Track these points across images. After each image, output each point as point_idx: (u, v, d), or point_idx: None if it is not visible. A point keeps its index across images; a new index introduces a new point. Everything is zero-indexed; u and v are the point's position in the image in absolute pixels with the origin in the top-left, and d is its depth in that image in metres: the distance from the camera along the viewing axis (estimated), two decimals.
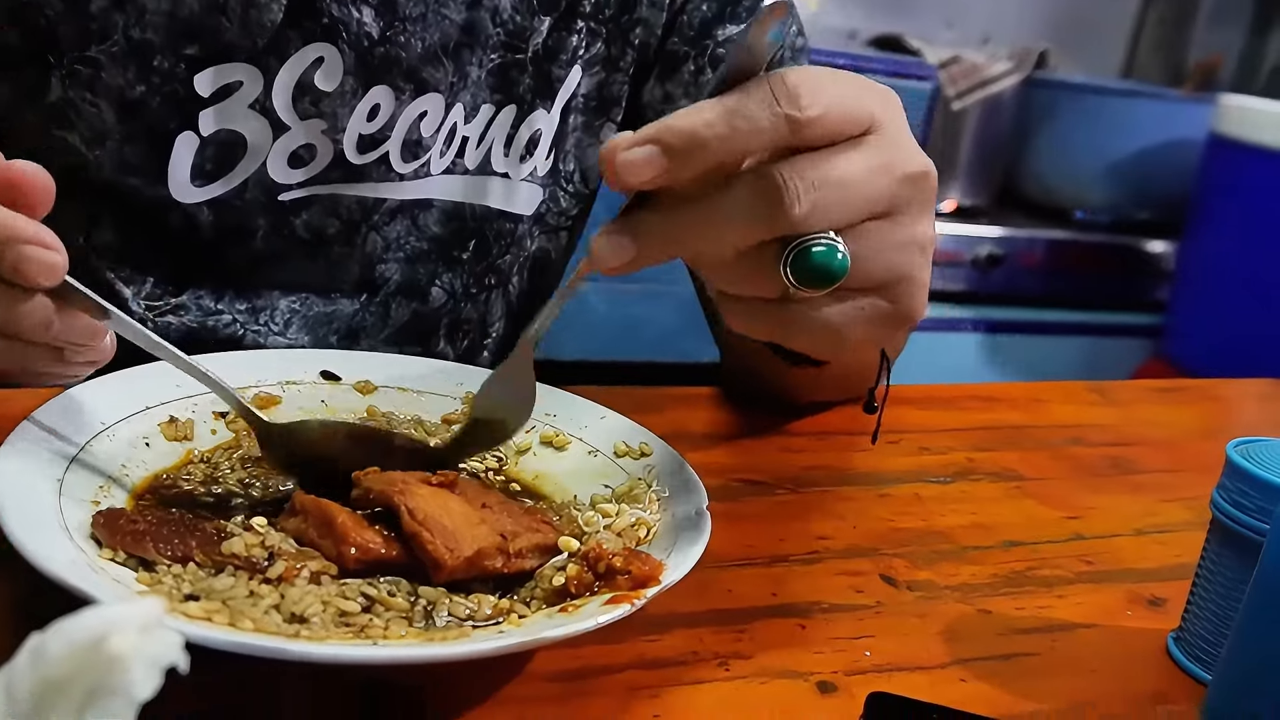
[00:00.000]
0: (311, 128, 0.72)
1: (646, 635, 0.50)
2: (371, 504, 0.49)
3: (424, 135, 0.76)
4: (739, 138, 0.45)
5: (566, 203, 0.86)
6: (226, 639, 0.37)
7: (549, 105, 0.80)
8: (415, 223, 0.79)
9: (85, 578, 0.39)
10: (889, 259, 0.50)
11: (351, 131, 0.73)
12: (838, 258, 0.47)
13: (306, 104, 0.71)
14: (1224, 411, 1.04)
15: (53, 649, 0.28)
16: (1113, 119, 2.51)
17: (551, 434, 0.61)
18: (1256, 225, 2.28)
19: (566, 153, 0.84)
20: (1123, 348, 2.59)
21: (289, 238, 0.74)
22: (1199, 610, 0.53)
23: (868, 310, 0.51)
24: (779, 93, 0.45)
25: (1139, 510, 0.72)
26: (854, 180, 0.47)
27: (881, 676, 0.50)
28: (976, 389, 0.94)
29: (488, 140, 0.79)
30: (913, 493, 0.70)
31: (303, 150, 0.72)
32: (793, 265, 0.47)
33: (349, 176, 0.75)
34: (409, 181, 0.77)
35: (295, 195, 0.73)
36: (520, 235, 0.84)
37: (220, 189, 0.71)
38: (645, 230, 0.47)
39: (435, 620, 0.45)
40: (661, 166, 0.45)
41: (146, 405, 0.55)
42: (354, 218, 0.76)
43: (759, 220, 0.46)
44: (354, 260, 0.77)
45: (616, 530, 0.51)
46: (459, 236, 0.81)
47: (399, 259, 0.79)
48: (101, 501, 0.48)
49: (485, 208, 0.81)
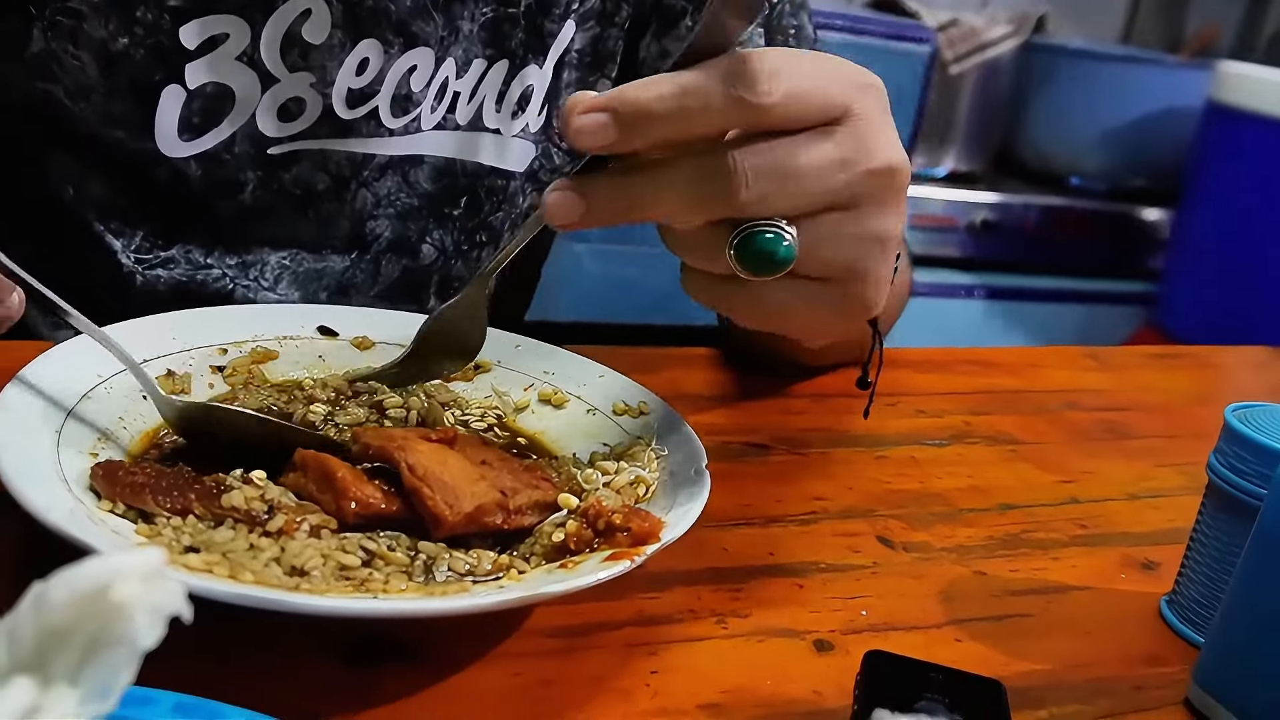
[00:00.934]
0: (300, 80, 0.71)
1: (645, 593, 0.50)
2: (370, 460, 0.49)
3: (414, 90, 0.75)
4: (689, 116, 0.44)
5: (560, 159, 0.85)
6: (227, 590, 0.37)
7: (541, 61, 0.79)
8: (406, 179, 0.78)
9: (85, 528, 0.39)
10: (844, 251, 0.48)
11: (340, 85, 0.72)
12: (783, 245, 0.46)
13: (295, 56, 0.70)
14: (1219, 378, 1.04)
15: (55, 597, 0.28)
16: (1110, 85, 2.50)
17: (550, 392, 0.61)
18: (1253, 193, 2.28)
19: (560, 109, 0.83)
20: (1116, 315, 2.60)
21: (278, 193, 0.74)
22: (1193, 573, 0.54)
23: (819, 297, 0.50)
24: (737, 75, 0.44)
25: (1133, 475, 0.72)
26: (810, 171, 0.46)
27: (877, 636, 0.50)
28: (973, 353, 0.94)
29: (479, 96, 0.78)
30: (909, 455, 0.70)
31: (291, 103, 0.72)
32: (737, 249, 0.46)
33: (338, 131, 0.74)
34: (399, 137, 0.76)
35: (284, 149, 0.73)
36: (512, 192, 0.84)
37: (209, 143, 0.71)
38: (595, 192, 0.47)
39: (435, 575, 0.45)
40: (611, 136, 0.45)
41: (144, 358, 0.55)
42: (343, 173, 0.75)
43: (704, 200, 0.46)
44: (344, 216, 0.76)
45: (616, 488, 0.51)
46: (450, 193, 0.80)
47: (390, 215, 0.78)
48: (100, 453, 0.48)
49: (477, 164, 0.80)
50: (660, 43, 0.83)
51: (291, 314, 0.63)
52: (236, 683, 0.40)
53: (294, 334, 0.61)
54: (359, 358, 0.61)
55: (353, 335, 0.63)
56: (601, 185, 0.47)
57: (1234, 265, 2.33)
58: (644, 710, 0.42)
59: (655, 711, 0.43)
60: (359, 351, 0.62)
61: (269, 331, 0.61)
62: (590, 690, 0.43)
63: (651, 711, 0.42)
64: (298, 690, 0.40)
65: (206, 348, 0.58)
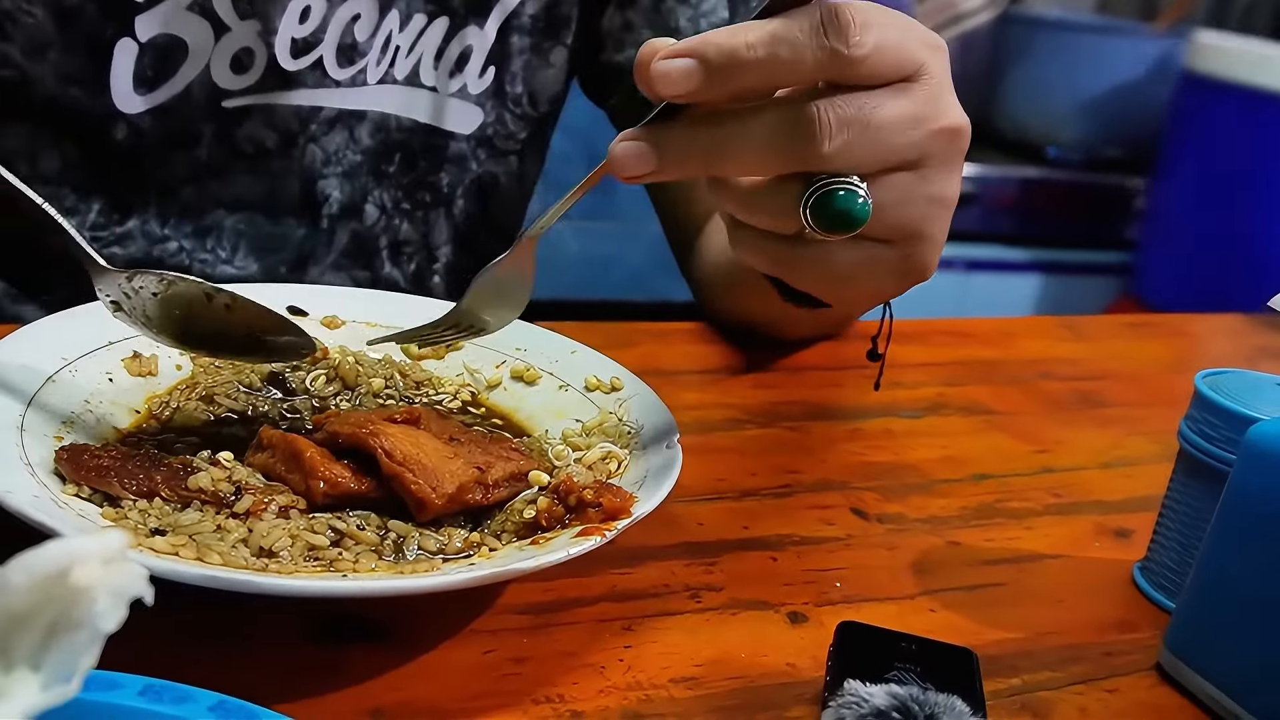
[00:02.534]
0: (249, 29, 0.70)
1: (618, 568, 0.50)
2: (340, 448, 0.48)
3: (359, 40, 0.74)
4: (780, 65, 0.44)
5: (514, 125, 0.84)
6: (194, 573, 0.37)
7: (482, 22, 0.79)
8: (352, 135, 0.77)
9: (49, 512, 0.39)
10: (910, 212, 0.49)
11: (284, 34, 0.71)
12: (858, 203, 0.46)
13: (244, 3, 0.70)
14: (1192, 346, 1.04)
15: (14, 581, 0.27)
16: (1087, 56, 2.51)
17: (522, 368, 0.61)
18: (1228, 162, 2.29)
19: (514, 74, 0.82)
20: (1094, 286, 2.61)
21: (231, 150, 0.73)
22: (1165, 540, 0.54)
23: (880, 260, 0.50)
24: (829, 25, 0.44)
25: (1107, 443, 0.73)
26: (889, 126, 0.46)
27: (851, 607, 0.50)
28: (948, 324, 0.94)
29: (417, 51, 0.78)
30: (884, 427, 0.70)
31: (243, 54, 0.71)
32: (814, 207, 0.46)
33: (284, 84, 0.73)
34: (345, 89, 0.76)
35: (238, 103, 0.72)
36: (458, 154, 0.82)
37: (163, 95, 0.70)
38: (669, 143, 0.46)
39: (405, 554, 0.45)
40: (697, 81, 0.44)
41: (110, 340, 0.54)
42: (291, 128, 0.75)
43: (786, 150, 0.45)
44: (293, 175, 0.76)
45: (587, 464, 0.51)
46: (386, 149, 0.79)
47: (337, 174, 0.78)
48: (64, 437, 0.47)
49: (412, 120, 0.79)
50: (624, 14, 0.83)
51: (260, 294, 0.62)
52: (206, 665, 0.39)
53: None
54: (329, 337, 0.61)
55: (322, 314, 0.62)
56: (676, 135, 0.46)
57: (1210, 234, 2.34)
58: (618, 685, 0.42)
59: (629, 686, 0.43)
60: (329, 331, 0.61)
61: None
62: (564, 666, 0.43)
63: (625, 686, 0.42)
64: (268, 672, 0.40)
65: None
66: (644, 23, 0.82)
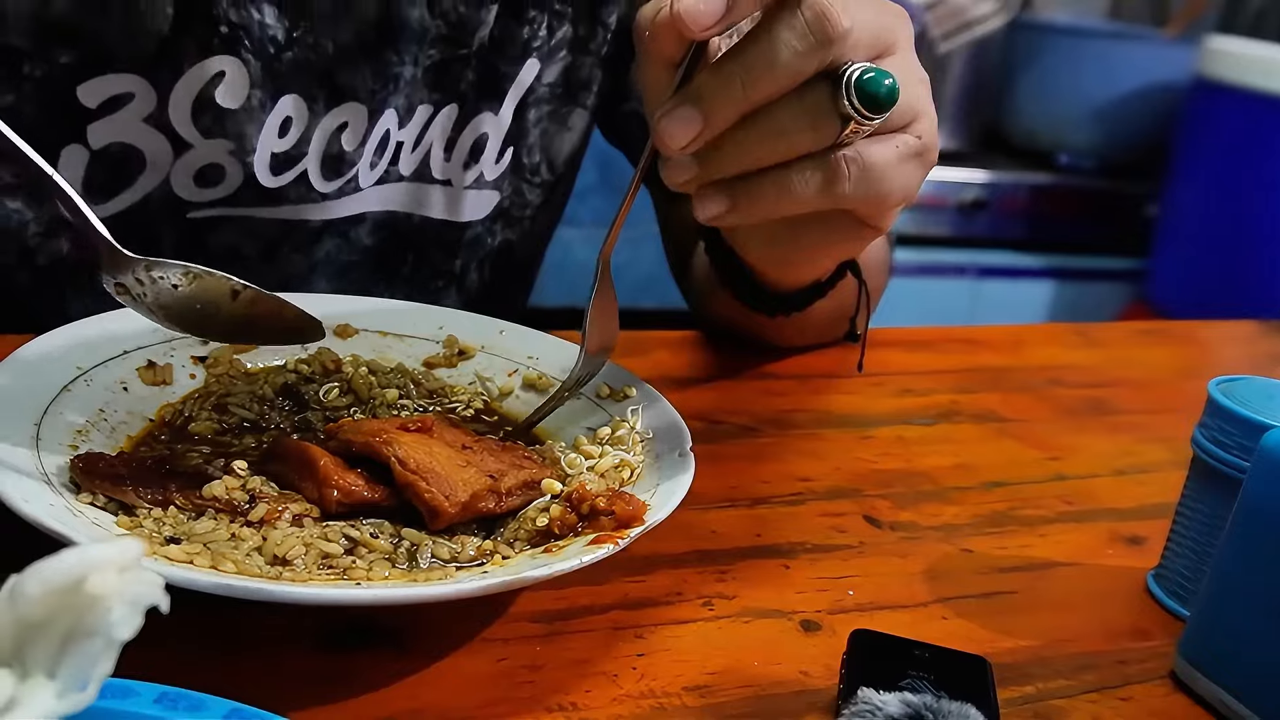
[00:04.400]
0: (216, 148, 0.65)
1: (631, 576, 0.50)
2: (353, 456, 0.48)
3: (347, 149, 0.69)
4: None
5: (532, 195, 0.81)
6: (209, 581, 0.37)
7: (496, 107, 0.74)
8: (346, 238, 0.73)
9: (64, 521, 0.39)
10: (912, 91, 0.52)
11: (262, 151, 0.66)
12: (887, 81, 0.48)
13: (209, 121, 0.65)
14: (1203, 353, 1.04)
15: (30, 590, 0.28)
16: (1098, 61, 2.50)
17: (534, 376, 0.61)
18: (1240, 167, 2.28)
19: (530, 146, 0.78)
20: (1106, 292, 2.60)
21: (200, 254, 0.68)
22: (1178, 547, 0.54)
23: (903, 148, 0.53)
24: None
25: (1119, 450, 0.72)
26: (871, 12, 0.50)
27: (864, 615, 0.50)
28: (959, 332, 0.94)
29: (425, 143, 0.73)
30: (895, 434, 0.70)
31: (209, 170, 0.66)
32: (857, 88, 0.48)
33: (264, 199, 0.68)
34: (334, 201, 0.71)
35: (206, 214, 0.67)
36: (473, 238, 0.78)
37: (120, 205, 0.66)
38: (707, 92, 0.48)
39: (419, 562, 0.45)
40: (723, 4, 0.46)
41: (124, 350, 0.54)
42: (273, 236, 0.70)
43: (812, 45, 0.47)
44: (274, 281, 0.70)
45: (600, 472, 0.51)
46: (395, 250, 0.75)
47: (328, 274, 0.73)
48: (80, 446, 0.47)
49: (424, 218, 0.75)
50: None
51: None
52: (221, 673, 0.40)
53: None
54: (341, 346, 0.61)
55: (334, 324, 0.62)
56: (710, 82, 0.48)
57: (1223, 240, 2.33)
58: (630, 693, 0.42)
59: (642, 694, 0.43)
60: (341, 340, 0.61)
61: None
62: (576, 674, 0.43)
63: (638, 694, 0.42)
64: (283, 679, 0.40)
65: (188, 338, 0.57)
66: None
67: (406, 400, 0.58)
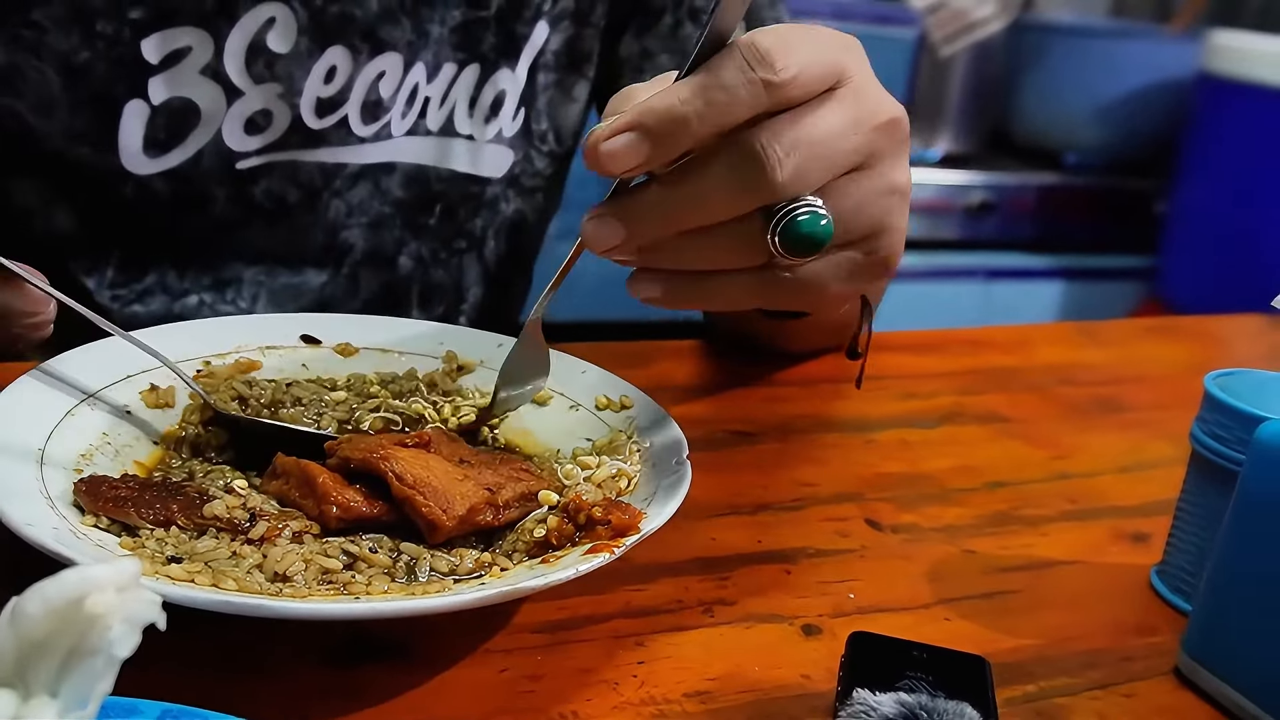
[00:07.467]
0: (267, 92, 0.70)
1: (632, 585, 0.50)
2: (352, 472, 0.49)
3: (384, 96, 0.74)
4: (718, 110, 0.45)
5: (541, 163, 0.85)
6: (210, 599, 0.38)
7: (513, 65, 0.79)
8: (378, 186, 0.77)
9: (68, 543, 0.39)
10: (868, 212, 0.50)
11: (309, 94, 0.71)
12: (820, 224, 0.47)
13: (260, 67, 0.70)
14: (1212, 347, 1.04)
15: (31, 610, 0.28)
16: (1101, 60, 2.50)
17: None
18: (1247, 161, 2.27)
19: (539, 112, 0.82)
20: (1118, 291, 2.59)
21: (249, 206, 0.73)
22: (1180, 542, 0.54)
23: (847, 264, 0.52)
24: (751, 58, 0.44)
25: (1125, 448, 0.72)
26: (830, 137, 0.47)
27: (866, 618, 0.50)
28: (964, 333, 0.94)
29: (450, 100, 0.78)
30: (899, 438, 0.70)
31: (259, 116, 0.71)
32: (781, 235, 0.47)
33: (308, 142, 0.73)
34: (370, 144, 0.76)
35: (253, 163, 0.72)
36: (491, 198, 0.83)
37: (174, 160, 0.70)
38: (634, 213, 0.48)
39: (418, 575, 0.45)
40: (645, 153, 0.45)
41: (128, 373, 0.55)
42: (315, 184, 0.75)
43: (744, 190, 0.46)
44: (317, 227, 0.76)
45: (597, 482, 0.51)
46: (424, 201, 0.80)
47: (362, 224, 0.78)
48: (84, 469, 0.48)
49: (451, 171, 0.80)
50: (641, 42, 0.83)
51: (274, 323, 0.63)
52: (223, 691, 0.40)
53: (277, 343, 0.62)
54: (343, 365, 0.62)
55: (335, 343, 0.63)
56: (639, 204, 0.48)
57: (1232, 234, 2.32)
58: (632, 701, 0.43)
59: (643, 701, 0.43)
60: (342, 359, 0.62)
61: (252, 342, 0.61)
62: (578, 683, 0.43)
63: (639, 701, 0.43)
64: (285, 695, 0.41)
65: (191, 360, 0.58)
66: (662, 49, 0.82)
67: (415, 400, 0.59)
